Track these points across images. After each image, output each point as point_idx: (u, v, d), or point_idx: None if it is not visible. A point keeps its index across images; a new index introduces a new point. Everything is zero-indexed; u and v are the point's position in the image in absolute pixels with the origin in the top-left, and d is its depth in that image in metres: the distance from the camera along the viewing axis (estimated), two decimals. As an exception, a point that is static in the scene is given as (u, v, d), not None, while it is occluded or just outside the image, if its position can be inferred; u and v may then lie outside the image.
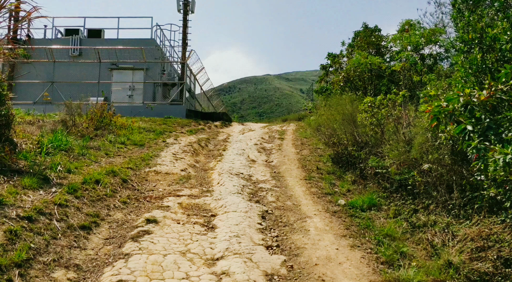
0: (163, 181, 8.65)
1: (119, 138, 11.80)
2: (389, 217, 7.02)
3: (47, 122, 12.37)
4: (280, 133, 16.34)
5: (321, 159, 11.43)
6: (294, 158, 11.68)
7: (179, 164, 10.17)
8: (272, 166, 10.86)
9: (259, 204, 7.55)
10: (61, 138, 9.21)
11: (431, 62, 16.22)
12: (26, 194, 5.75)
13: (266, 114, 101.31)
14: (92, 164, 8.58)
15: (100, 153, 9.82)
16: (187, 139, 13.73)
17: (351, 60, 14.34)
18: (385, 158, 9.31)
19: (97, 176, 7.34)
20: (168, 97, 21.89)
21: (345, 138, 11.04)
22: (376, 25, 16.84)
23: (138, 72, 21.45)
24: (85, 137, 10.81)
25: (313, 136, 15.42)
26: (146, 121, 16.04)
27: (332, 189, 8.68)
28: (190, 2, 24.56)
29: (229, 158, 11.54)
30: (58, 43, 21.39)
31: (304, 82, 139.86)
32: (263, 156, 12.26)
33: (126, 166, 8.93)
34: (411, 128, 9.28)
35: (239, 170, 10.08)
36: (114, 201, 6.80)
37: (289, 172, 10.06)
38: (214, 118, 20.16)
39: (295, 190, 8.57)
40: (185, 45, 23.44)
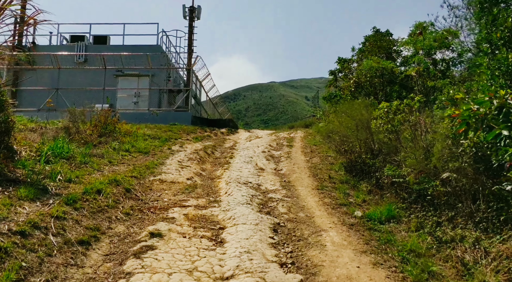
0: (168, 190, 8.22)
1: (123, 145, 11.41)
2: (411, 230, 6.53)
3: (50, 129, 12.02)
4: (288, 141, 15.89)
5: (332, 167, 10.96)
6: (304, 166, 11.22)
7: (185, 172, 9.75)
8: (281, 175, 10.41)
9: (270, 215, 7.09)
10: (62, 146, 8.82)
11: (443, 67, 15.77)
12: (22, 205, 5.34)
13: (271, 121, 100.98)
14: (95, 172, 8.18)
15: (103, 160, 9.42)
16: (193, 147, 13.32)
17: (362, 65, 13.91)
18: (401, 166, 8.84)
19: (99, 186, 6.92)
20: (174, 104, 21.56)
21: (358, 145, 10.59)
22: (388, 30, 16.45)
23: (144, 79, 21.16)
24: (88, 144, 10.43)
25: (323, 143, 14.95)
26: (151, 128, 15.67)
27: (346, 199, 8.20)
28: (196, 9, 24.34)
29: (237, 166, 11.10)
30: (64, 50, 21.18)
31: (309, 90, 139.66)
32: (271, 164, 11.81)
33: (130, 175, 8.52)
34: (429, 134, 8.81)
35: (247, 178, 9.63)
36: (116, 212, 6.37)
37: (300, 181, 9.60)
38: (220, 125, 19.77)
39: (307, 201, 8.10)
40: (190, 51, 23.16)
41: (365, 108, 9.33)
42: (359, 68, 14.69)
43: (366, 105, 9.51)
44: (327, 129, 15.86)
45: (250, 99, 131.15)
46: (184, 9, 24.38)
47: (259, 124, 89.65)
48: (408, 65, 14.98)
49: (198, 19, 24.68)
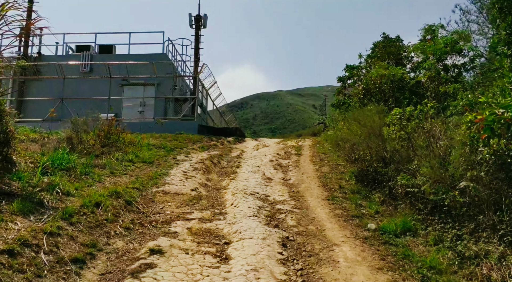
0: (172, 202, 7.87)
1: (127, 155, 11.12)
2: (429, 244, 6.10)
3: (53, 139, 11.78)
4: (296, 149, 15.50)
5: (343, 176, 10.55)
6: (313, 176, 10.82)
7: (190, 182, 9.41)
8: (290, 185, 10.02)
9: (278, 228, 6.70)
10: (62, 157, 8.54)
11: (455, 73, 15.34)
12: (14, 221, 5.02)
13: (278, 130, 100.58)
14: (95, 184, 7.86)
15: (105, 171, 9.12)
16: (199, 156, 12.99)
17: (371, 72, 13.54)
18: (416, 175, 8.41)
19: (98, 198, 6.60)
20: (180, 112, 21.32)
21: (369, 153, 10.17)
22: (398, 35, 16.09)
23: (149, 88, 20.96)
24: (90, 155, 10.15)
25: (332, 152, 14.54)
26: (157, 138, 15.40)
27: (359, 210, 7.79)
28: (202, 17, 24.22)
29: (243, 175, 10.74)
30: (69, 60, 21.09)
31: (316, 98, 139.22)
32: (279, 173, 11.43)
33: (132, 186, 8.19)
34: (443, 141, 8.39)
35: (254, 189, 9.26)
36: (115, 227, 6.03)
37: (309, 191, 9.20)
38: (227, 133, 19.45)
39: (317, 212, 7.70)
40: (197, 60, 22.99)
41: (377, 115, 8.95)
42: (369, 74, 14.31)
43: (378, 112, 9.13)
44: (336, 137, 15.46)
45: (257, 108, 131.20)
46: (190, 17, 24.29)
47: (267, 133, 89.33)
48: (419, 71, 14.59)
49: (204, 28, 24.56)
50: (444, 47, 12.81)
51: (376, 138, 8.78)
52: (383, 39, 16.45)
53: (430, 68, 12.47)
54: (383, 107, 9.68)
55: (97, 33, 21.85)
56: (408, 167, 8.81)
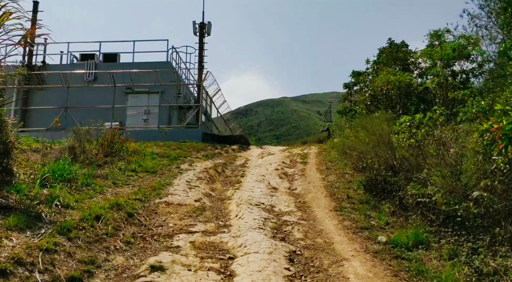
0: (175, 214, 7.64)
1: (130, 165, 10.93)
2: (443, 258, 5.82)
3: (55, 149, 11.63)
4: (302, 157, 15.25)
5: (350, 185, 10.28)
6: (320, 185, 10.56)
7: (193, 193, 9.18)
8: (296, 195, 9.76)
9: (285, 242, 6.44)
10: (63, 167, 8.35)
11: (463, 79, 15.07)
12: (9, 237, 4.81)
13: (283, 137, 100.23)
14: (96, 195, 7.66)
15: (107, 182, 8.92)
16: (203, 165, 12.78)
17: (378, 78, 13.31)
18: (426, 185, 8.13)
19: (98, 211, 6.39)
20: (184, 120, 21.17)
21: (377, 162, 9.91)
22: (403, 41, 15.85)
23: (154, 96, 20.85)
24: (93, 165, 9.97)
25: (339, 160, 14.27)
26: (161, 146, 15.21)
27: (368, 222, 7.52)
28: (206, 25, 24.16)
29: (248, 185, 10.50)
30: (74, 69, 21.05)
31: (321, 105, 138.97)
32: (285, 182, 11.17)
33: (134, 197, 7.98)
34: (453, 149, 8.12)
35: (259, 199, 9.02)
36: (115, 241, 5.81)
37: (316, 202, 8.94)
38: (231, 141, 19.24)
39: (325, 224, 7.43)
40: (201, 67, 22.88)
41: (386, 122, 8.70)
42: (376, 80, 14.07)
43: (387, 119, 8.88)
44: (343, 145, 15.20)
45: (262, 115, 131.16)
46: (194, 25, 24.24)
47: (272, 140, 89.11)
48: (426, 76, 14.34)
49: (208, 35, 24.49)
50: (452, 52, 12.55)
51: (385, 146, 8.52)
52: (389, 45, 16.23)
53: (438, 74, 12.22)
54: (391, 115, 9.42)
55: (101, 42, 21.96)
56: (418, 175, 8.55)
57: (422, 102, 15.24)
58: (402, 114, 14.01)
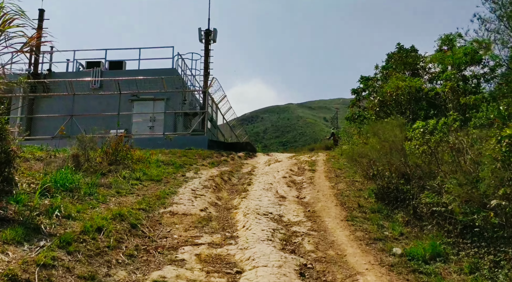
0: (180, 225, 7.38)
1: (134, 173, 10.70)
2: (464, 272, 5.49)
3: (59, 158, 11.46)
4: (310, 164, 14.94)
5: (361, 194, 9.96)
6: (329, 193, 10.25)
7: (199, 202, 8.91)
8: (305, 204, 9.46)
9: (295, 254, 6.15)
10: (66, 176, 8.13)
11: (474, 84, 14.73)
12: (5, 251, 4.57)
13: (289, 143, 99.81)
14: (99, 205, 7.42)
15: (111, 191, 8.69)
16: (209, 173, 12.52)
17: (388, 83, 13.01)
18: (441, 193, 7.81)
19: (100, 222, 6.14)
20: (190, 127, 20.97)
21: (388, 170, 9.59)
22: (413, 45, 15.58)
23: (159, 103, 20.69)
24: (96, 173, 9.75)
25: (348, 167, 13.95)
26: (166, 154, 15.00)
27: (381, 232, 7.20)
28: (212, 32, 24.06)
29: (255, 193, 10.22)
30: (79, 76, 20.97)
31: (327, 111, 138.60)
32: (293, 190, 10.88)
33: (138, 207, 7.73)
34: (470, 155, 7.80)
35: (267, 208, 8.73)
36: (117, 254, 5.55)
37: (326, 211, 8.64)
38: (237, 148, 18.97)
39: (336, 235, 7.13)
40: (207, 74, 22.74)
41: (399, 128, 8.39)
42: (385, 86, 13.77)
43: (400, 125, 8.57)
44: (352, 152, 14.88)
45: (268, 122, 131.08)
46: (200, 32, 24.15)
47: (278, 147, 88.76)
48: (437, 81, 14.03)
49: (214, 42, 24.39)
50: (464, 56, 12.25)
51: (398, 153, 8.21)
52: (398, 50, 15.95)
53: (451, 78, 11.90)
54: (403, 121, 9.11)
55: (107, 50, 21.78)
56: (431, 183, 8.23)
57: (432, 108, 14.91)
58: (412, 120, 13.73)
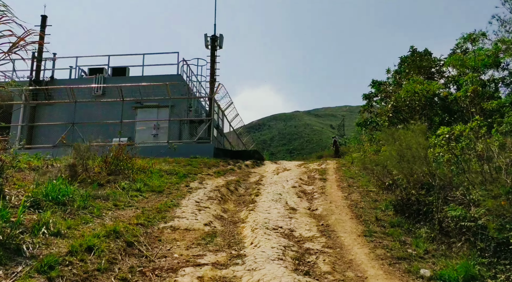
0: (181, 241, 6.71)
1: (135, 184, 10.08)
2: (507, 300, 4.75)
3: (56, 167, 10.87)
4: (321, 173, 14.24)
5: (377, 205, 9.24)
6: (343, 205, 9.54)
7: (203, 215, 8.24)
8: (317, 216, 8.75)
9: (310, 276, 5.44)
10: (58, 188, 7.51)
11: (492, 88, 13.99)
12: (-26, 278, 3.93)
13: (296, 151, 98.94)
14: (93, 220, 6.78)
15: (108, 204, 8.06)
16: (214, 183, 11.87)
17: (404, 87, 12.30)
18: (469, 205, 7.08)
19: (91, 240, 5.49)
20: (195, 135, 20.36)
21: (405, 179, 8.87)
22: (426, 49, 14.89)
23: (164, 110, 20.13)
24: (93, 184, 9.14)
25: (360, 176, 13.25)
26: (170, 163, 14.38)
27: (404, 250, 6.47)
28: (218, 38, 23.56)
29: (264, 205, 9.53)
30: (82, 83, 20.51)
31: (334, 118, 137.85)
32: (304, 201, 10.18)
33: (136, 222, 7.08)
34: (503, 163, 7.07)
35: (276, 222, 8.04)
36: (108, 278, 4.89)
37: (341, 225, 7.92)
38: (244, 157, 18.31)
39: (354, 252, 6.41)
40: (213, 80, 22.18)
41: (422, 135, 7.68)
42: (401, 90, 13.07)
43: (423, 131, 7.87)
44: (364, 160, 14.18)
45: (275, 129, 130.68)
46: (206, 38, 23.67)
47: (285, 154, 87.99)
48: (454, 85, 13.31)
49: (220, 48, 23.87)
50: (487, 58, 11.52)
51: (420, 162, 7.49)
52: (411, 53, 15.26)
53: (472, 81, 11.17)
54: (425, 127, 8.40)
55: (110, 56, 21.34)
56: (456, 193, 7.51)
57: (448, 114, 14.17)
58: (428, 127, 13.00)
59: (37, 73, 20.74)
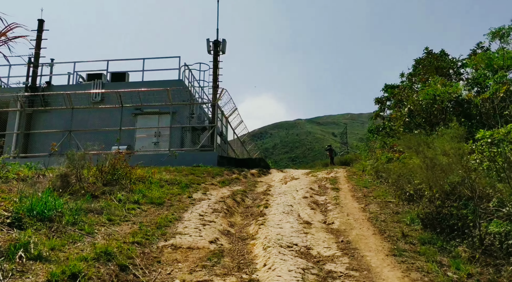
0: (184, 263, 5.82)
1: (133, 195, 9.22)
2: None
3: (49, 177, 10.02)
4: (332, 182, 13.34)
5: (400, 218, 8.33)
6: (361, 217, 8.64)
7: (208, 231, 7.36)
8: (335, 231, 7.84)
9: (338, 309, 4.54)
10: (45, 201, 6.65)
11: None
12: None
13: (299, 159, 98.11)
14: (82, 238, 5.91)
15: (101, 218, 7.19)
16: (219, 193, 10.99)
17: (425, 89, 11.43)
18: None
19: (77, 266, 4.61)
20: (198, 143, 19.52)
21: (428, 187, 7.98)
22: (443, 50, 14.04)
23: (165, 117, 19.31)
24: (86, 196, 8.28)
25: (375, 185, 12.36)
26: (171, 172, 13.53)
27: (443, 273, 5.56)
28: (221, 43, 22.81)
29: (274, 218, 8.64)
30: (79, 89, 19.73)
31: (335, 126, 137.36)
32: (318, 214, 9.27)
33: (132, 240, 6.20)
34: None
35: (290, 238, 7.14)
36: (95, 314, 4.00)
37: (364, 242, 7.02)
38: (249, 165, 17.43)
39: (385, 276, 5.50)
40: (215, 86, 21.39)
41: (461, 140, 6.80)
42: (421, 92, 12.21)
43: (461, 136, 6.99)
44: (377, 167, 13.31)
45: (277, 137, 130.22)
46: (208, 43, 22.89)
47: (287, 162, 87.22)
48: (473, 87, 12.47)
49: (223, 53, 23.09)
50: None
51: (458, 170, 6.60)
52: (426, 55, 14.43)
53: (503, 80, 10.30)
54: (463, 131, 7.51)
55: (109, 61, 20.59)
56: (489, 206, 6.61)
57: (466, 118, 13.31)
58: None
59: (33, 79, 19.98)
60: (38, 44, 19.58)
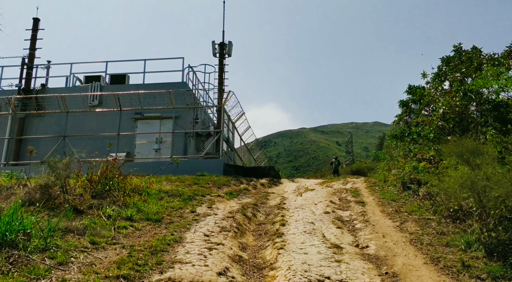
0: (185, 307, 4.34)
1: (125, 210, 7.76)
2: None
3: (30, 188, 8.59)
4: (353, 194, 11.83)
5: (450, 241, 6.81)
6: (401, 240, 7.12)
7: (215, 257, 5.86)
8: (373, 258, 6.33)
9: None
10: (10, 220, 5.22)
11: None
12: None
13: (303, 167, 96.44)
14: (50, 273, 4.44)
15: (82, 241, 5.73)
16: (227, 207, 9.53)
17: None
18: None
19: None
20: (202, 150, 18.06)
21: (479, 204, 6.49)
22: (474, 46, 12.61)
23: (167, 122, 17.92)
24: (66, 211, 6.84)
25: (403, 198, 10.84)
26: (172, 181, 12.09)
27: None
28: (227, 45, 21.48)
29: (295, 240, 7.13)
30: (76, 92, 18.39)
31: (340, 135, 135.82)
32: (346, 234, 7.76)
33: (116, 273, 4.73)
34: None
35: (320, 268, 5.64)
36: None
37: (414, 274, 5.50)
38: (258, 174, 15.95)
39: (462, 331, 3.99)
40: (221, 89, 20.01)
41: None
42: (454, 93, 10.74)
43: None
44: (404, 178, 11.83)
45: (281, 146, 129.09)
46: (213, 46, 21.54)
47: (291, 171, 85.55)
48: None
49: (229, 56, 21.76)
50: None
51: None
52: (455, 53, 12.99)
53: None
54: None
55: (108, 62, 19.25)
56: None
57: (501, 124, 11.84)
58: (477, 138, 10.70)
59: (27, 81, 18.67)
60: (32, 44, 18.31)
